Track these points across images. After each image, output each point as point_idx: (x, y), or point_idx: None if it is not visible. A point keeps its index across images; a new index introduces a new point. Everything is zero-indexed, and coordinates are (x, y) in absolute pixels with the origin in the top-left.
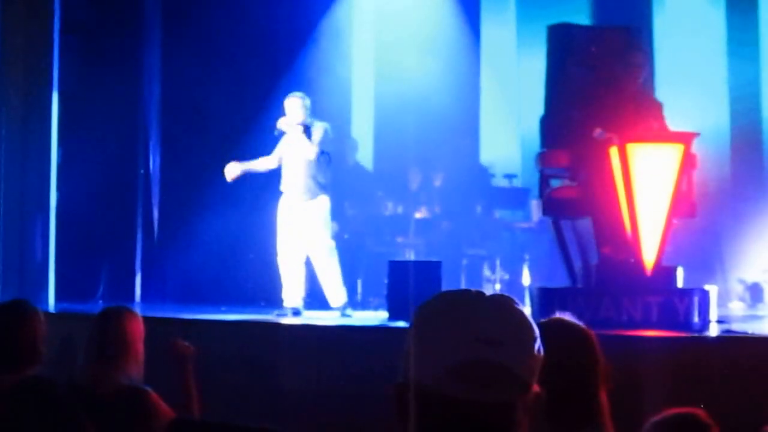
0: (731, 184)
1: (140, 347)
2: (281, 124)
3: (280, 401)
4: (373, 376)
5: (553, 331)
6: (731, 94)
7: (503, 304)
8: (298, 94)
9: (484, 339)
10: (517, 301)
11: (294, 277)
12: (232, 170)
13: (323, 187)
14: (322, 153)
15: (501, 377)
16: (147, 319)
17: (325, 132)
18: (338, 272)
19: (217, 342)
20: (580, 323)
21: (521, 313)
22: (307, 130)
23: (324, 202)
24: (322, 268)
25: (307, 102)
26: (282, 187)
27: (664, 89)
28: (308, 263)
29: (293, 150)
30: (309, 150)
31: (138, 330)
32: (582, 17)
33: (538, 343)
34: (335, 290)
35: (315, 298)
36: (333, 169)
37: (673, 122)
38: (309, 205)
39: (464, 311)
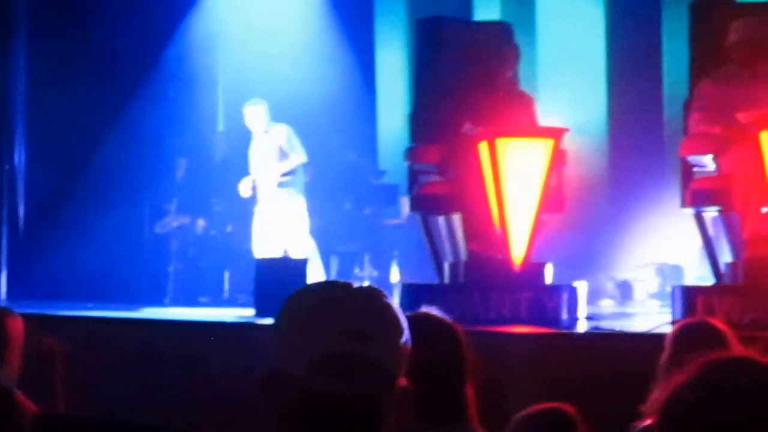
0: (604, 180)
1: (17, 348)
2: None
3: (147, 397)
4: (239, 372)
5: (418, 324)
6: (609, 90)
7: (370, 296)
8: (255, 100)
9: (349, 331)
10: (385, 293)
11: None
12: (246, 187)
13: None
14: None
15: (366, 370)
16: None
17: (290, 136)
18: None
19: (84, 339)
20: (447, 317)
21: (388, 306)
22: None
23: (299, 201)
24: None
25: (265, 107)
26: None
27: (543, 83)
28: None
29: (260, 154)
30: (295, 162)
31: (16, 330)
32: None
33: (405, 336)
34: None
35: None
36: (199, 162)
37: (551, 117)
38: (285, 207)
39: (330, 303)
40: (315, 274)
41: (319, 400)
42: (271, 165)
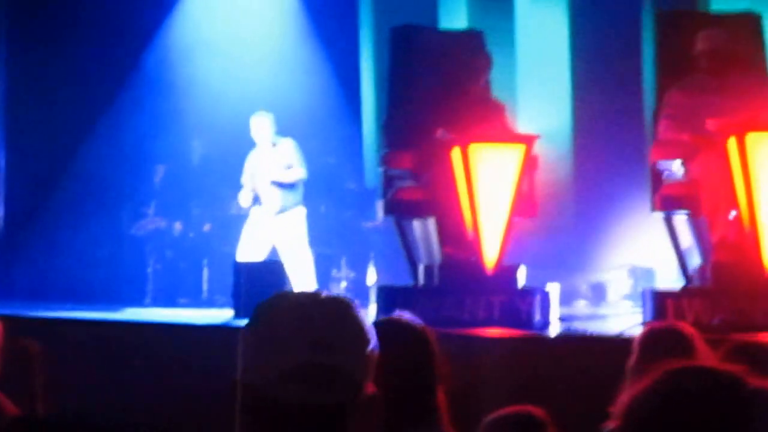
0: (576, 184)
1: None
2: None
3: (126, 399)
4: (216, 375)
5: (388, 329)
6: (574, 93)
7: (335, 306)
8: (262, 112)
9: (311, 342)
10: (351, 302)
11: None
12: (247, 197)
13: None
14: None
15: (329, 380)
16: None
17: (297, 150)
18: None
19: (63, 341)
20: (417, 321)
21: (353, 315)
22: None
23: (300, 212)
24: None
25: (272, 119)
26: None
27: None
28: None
29: (266, 166)
30: (297, 176)
31: None
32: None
33: (371, 345)
34: None
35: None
36: (177, 167)
37: (522, 123)
38: (285, 217)
39: (296, 315)
40: (309, 283)
41: (284, 410)
42: (276, 177)
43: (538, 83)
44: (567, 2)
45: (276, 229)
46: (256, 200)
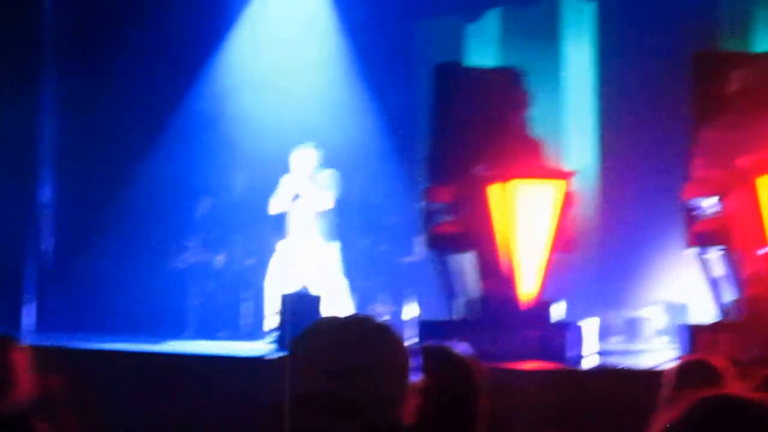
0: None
1: (23, 378)
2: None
3: (166, 428)
4: (256, 404)
5: (439, 357)
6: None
7: (359, 331)
8: (308, 144)
9: (327, 370)
10: (389, 328)
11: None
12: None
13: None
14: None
15: (345, 408)
16: (37, 349)
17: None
18: None
19: (105, 371)
20: (470, 352)
21: (391, 342)
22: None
23: (336, 247)
24: None
25: (318, 152)
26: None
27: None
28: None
29: (305, 201)
30: (326, 201)
31: (20, 358)
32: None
33: (409, 373)
34: None
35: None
36: (221, 200)
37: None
38: (324, 252)
39: (314, 342)
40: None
41: None
42: (313, 208)
43: (569, 119)
44: (595, 39)
45: (309, 261)
46: (282, 227)
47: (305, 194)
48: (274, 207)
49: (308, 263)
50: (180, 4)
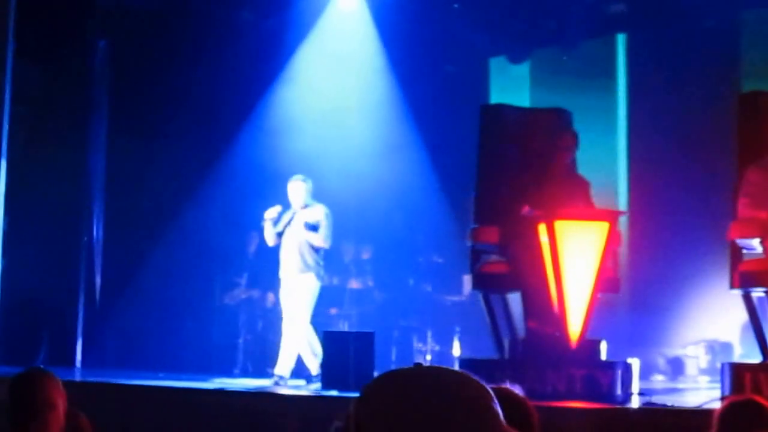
0: (656, 261)
1: (55, 409)
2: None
3: None
4: None
5: (499, 400)
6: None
7: (455, 382)
8: (299, 176)
9: (429, 421)
10: (470, 375)
11: (284, 347)
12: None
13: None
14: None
15: None
16: (85, 385)
17: (326, 216)
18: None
19: (149, 407)
20: (524, 396)
21: (478, 388)
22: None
23: (310, 279)
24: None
25: (310, 185)
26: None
27: None
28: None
29: (292, 230)
30: (321, 241)
31: (52, 392)
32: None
33: (499, 417)
34: (309, 360)
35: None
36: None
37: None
38: (297, 281)
39: (413, 391)
40: (310, 360)
41: None
42: (302, 238)
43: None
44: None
45: (290, 291)
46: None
47: (295, 222)
48: (269, 239)
49: (287, 292)
50: (232, 43)
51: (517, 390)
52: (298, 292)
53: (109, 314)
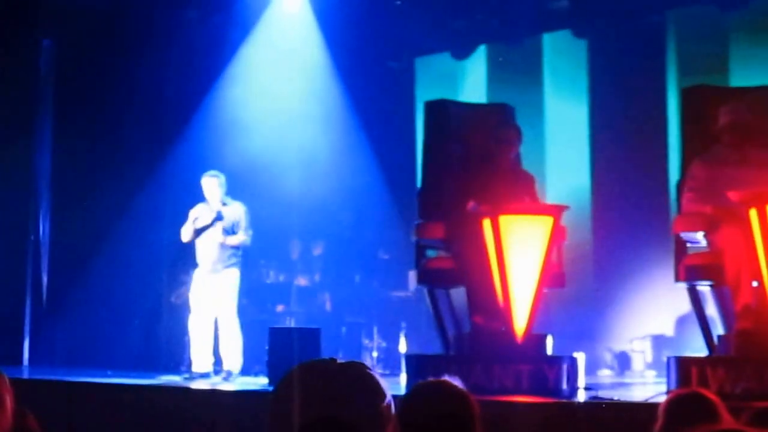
0: (596, 254)
1: (2, 407)
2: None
3: None
4: None
5: (436, 391)
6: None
7: (350, 368)
8: (213, 172)
9: (326, 399)
10: (363, 365)
11: (202, 343)
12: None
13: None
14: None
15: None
16: (31, 383)
17: (245, 213)
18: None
19: (99, 405)
20: (463, 387)
21: (367, 375)
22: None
23: (233, 274)
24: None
25: (223, 180)
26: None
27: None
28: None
29: (213, 228)
30: (240, 241)
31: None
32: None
33: (386, 400)
34: (232, 355)
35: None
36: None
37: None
38: (219, 277)
39: (315, 376)
40: (234, 353)
41: None
42: (218, 237)
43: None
44: (587, 79)
45: (211, 287)
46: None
47: (209, 221)
48: (185, 235)
49: (209, 290)
50: (177, 42)
51: (457, 382)
52: (224, 288)
53: (56, 312)
